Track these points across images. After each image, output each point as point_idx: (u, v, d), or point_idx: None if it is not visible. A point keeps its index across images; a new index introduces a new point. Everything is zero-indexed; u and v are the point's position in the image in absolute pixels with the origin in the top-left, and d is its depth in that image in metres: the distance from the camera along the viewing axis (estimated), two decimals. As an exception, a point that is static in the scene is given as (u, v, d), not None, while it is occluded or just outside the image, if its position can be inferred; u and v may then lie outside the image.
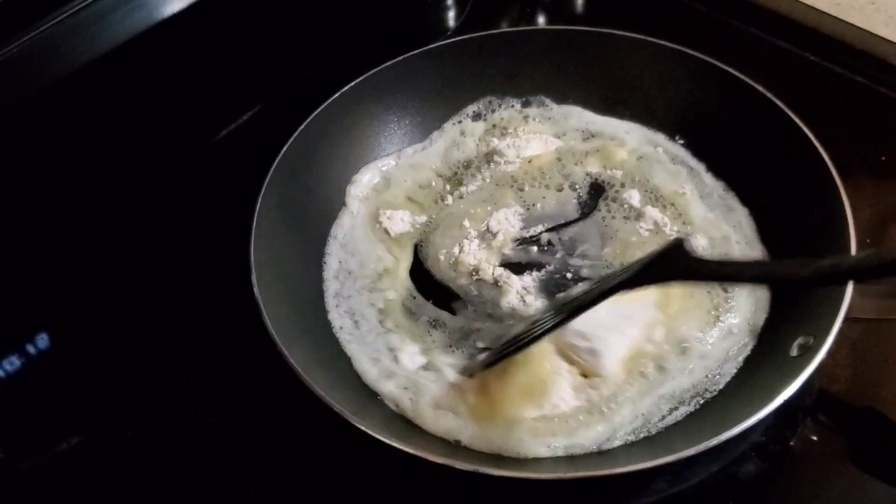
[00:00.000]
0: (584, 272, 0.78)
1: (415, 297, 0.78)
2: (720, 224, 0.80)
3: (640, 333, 0.70)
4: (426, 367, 0.72)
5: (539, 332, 0.65)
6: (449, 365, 0.72)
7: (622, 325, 0.70)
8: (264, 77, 1.03)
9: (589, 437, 0.66)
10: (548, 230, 0.82)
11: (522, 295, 0.77)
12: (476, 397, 0.69)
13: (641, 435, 0.67)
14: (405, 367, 0.72)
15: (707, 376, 0.69)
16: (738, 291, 0.73)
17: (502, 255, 0.81)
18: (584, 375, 0.69)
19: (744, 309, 0.73)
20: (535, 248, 0.81)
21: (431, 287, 0.79)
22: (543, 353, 0.70)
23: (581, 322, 0.67)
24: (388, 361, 0.73)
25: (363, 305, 0.77)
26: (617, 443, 0.66)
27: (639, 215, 0.81)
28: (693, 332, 0.71)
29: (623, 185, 0.84)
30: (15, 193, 0.88)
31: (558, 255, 0.80)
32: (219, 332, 0.79)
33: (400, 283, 0.79)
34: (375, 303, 0.78)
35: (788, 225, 0.76)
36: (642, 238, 0.80)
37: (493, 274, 0.78)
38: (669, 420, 0.67)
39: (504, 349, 0.67)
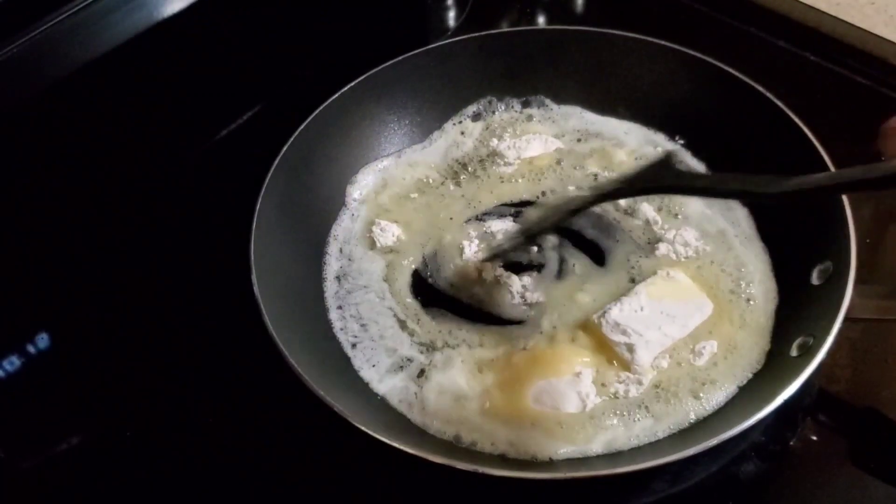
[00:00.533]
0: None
1: (417, 298, 0.79)
2: (717, 220, 0.80)
3: (679, 335, 0.70)
4: (441, 360, 0.73)
5: (534, 230, 0.74)
6: (460, 360, 0.72)
7: (662, 323, 0.70)
8: (264, 77, 1.04)
9: (603, 441, 0.66)
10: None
11: (522, 294, 0.77)
12: (495, 392, 0.69)
13: (646, 440, 0.66)
14: (418, 359, 0.73)
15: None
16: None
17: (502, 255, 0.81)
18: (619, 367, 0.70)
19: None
20: (535, 249, 0.81)
21: (432, 287, 0.80)
22: (568, 352, 0.70)
23: (622, 317, 0.70)
24: (399, 354, 0.74)
25: (367, 308, 0.77)
26: (625, 447, 0.66)
27: (633, 213, 0.81)
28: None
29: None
30: (15, 193, 0.88)
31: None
32: (219, 332, 0.79)
33: (399, 288, 0.79)
34: (380, 306, 0.78)
35: (788, 224, 0.76)
36: (634, 237, 0.80)
37: (493, 274, 0.79)
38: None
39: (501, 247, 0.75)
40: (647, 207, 0.81)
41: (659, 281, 0.74)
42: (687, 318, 0.71)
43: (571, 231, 0.81)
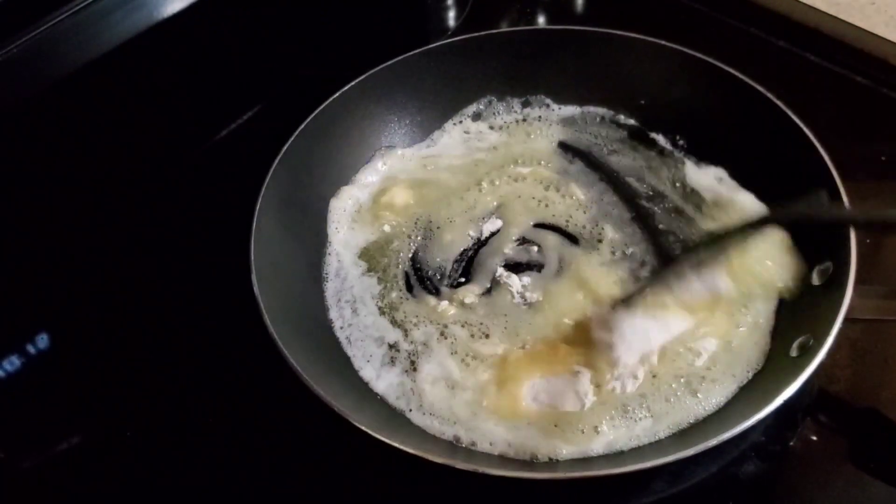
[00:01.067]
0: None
1: (411, 291, 0.79)
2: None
3: (663, 340, 0.69)
4: (421, 339, 0.74)
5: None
6: (436, 338, 0.73)
7: (649, 328, 0.69)
8: (264, 77, 1.04)
9: (604, 441, 0.66)
10: (548, 231, 0.83)
11: (522, 293, 0.77)
12: (492, 389, 0.69)
13: (647, 441, 0.66)
14: (402, 345, 0.74)
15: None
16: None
17: (502, 255, 0.81)
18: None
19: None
20: (535, 248, 0.81)
21: (430, 285, 0.80)
22: (565, 351, 0.70)
23: (611, 317, 0.69)
24: (386, 342, 0.74)
25: (363, 291, 0.78)
26: (625, 447, 0.66)
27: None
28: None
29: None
30: (15, 193, 0.88)
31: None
32: (219, 332, 0.79)
33: (396, 284, 0.80)
34: (375, 288, 0.79)
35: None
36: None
37: (493, 274, 0.79)
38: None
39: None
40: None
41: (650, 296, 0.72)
42: (671, 327, 0.70)
43: (570, 235, 0.82)
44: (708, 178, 0.82)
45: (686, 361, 0.70)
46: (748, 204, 0.79)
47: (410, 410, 0.70)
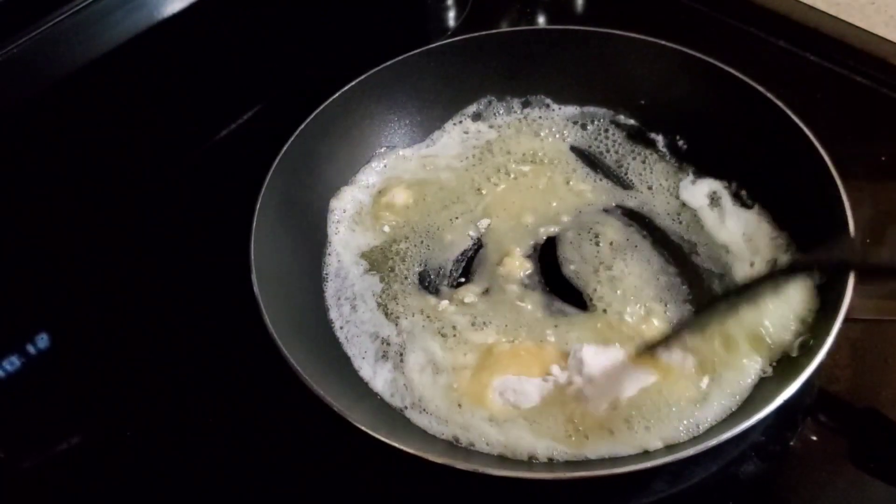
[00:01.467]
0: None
1: (412, 290, 0.79)
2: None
3: (626, 394, 0.67)
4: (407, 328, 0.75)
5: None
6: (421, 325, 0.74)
7: (622, 377, 0.67)
8: (264, 77, 1.04)
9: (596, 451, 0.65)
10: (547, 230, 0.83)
11: (521, 293, 0.77)
12: (466, 374, 0.70)
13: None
14: (405, 329, 0.74)
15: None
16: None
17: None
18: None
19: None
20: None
21: (432, 286, 0.80)
22: (549, 354, 0.70)
23: (589, 358, 0.67)
24: (385, 335, 0.74)
25: (364, 290, 0.78)
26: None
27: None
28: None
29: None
30: (15, 193, 0.88)
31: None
32: (219, 332, 0.79)
33: (398, 284, 0.80)
34: (376, 287, 0.79)
35: (788, 224, 0.76)
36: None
37: (493, 274, 0.79)
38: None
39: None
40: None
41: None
42: (638, 381, 0.68)
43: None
44: (701, 195, 0.82)
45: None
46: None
47: (406, 408, 0.70)
